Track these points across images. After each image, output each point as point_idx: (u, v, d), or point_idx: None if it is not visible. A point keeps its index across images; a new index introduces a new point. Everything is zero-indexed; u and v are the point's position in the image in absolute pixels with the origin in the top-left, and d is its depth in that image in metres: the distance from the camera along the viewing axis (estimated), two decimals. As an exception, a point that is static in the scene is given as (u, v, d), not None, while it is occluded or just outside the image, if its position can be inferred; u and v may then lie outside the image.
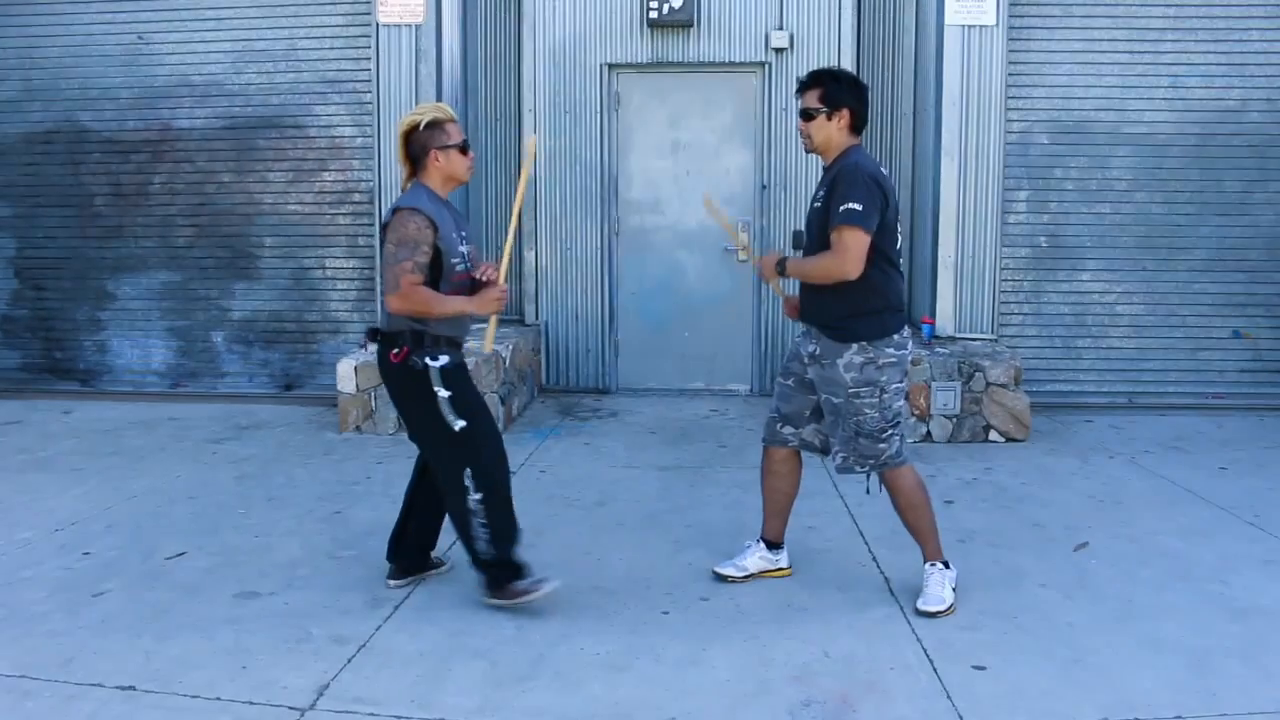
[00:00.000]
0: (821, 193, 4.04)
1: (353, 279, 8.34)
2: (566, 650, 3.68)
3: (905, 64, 8.26)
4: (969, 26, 7.38)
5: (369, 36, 7.75)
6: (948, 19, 7.37)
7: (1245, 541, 4.88)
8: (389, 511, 5.21)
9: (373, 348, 4.13)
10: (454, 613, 4.02)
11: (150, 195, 8.48)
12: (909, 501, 4.12)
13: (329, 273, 8.39)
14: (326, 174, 8.30)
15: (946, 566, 4.12)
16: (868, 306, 3.98)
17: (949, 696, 3.34)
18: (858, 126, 4.06)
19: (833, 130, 4.03)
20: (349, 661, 3.59)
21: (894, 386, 4.06)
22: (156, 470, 6.15)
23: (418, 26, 7.56)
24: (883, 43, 8.32)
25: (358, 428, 7.06)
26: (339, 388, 7.11)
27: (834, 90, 4.02)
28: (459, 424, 3.92)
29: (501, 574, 4.01)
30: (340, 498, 5.59)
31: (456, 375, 3.99)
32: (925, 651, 3.67)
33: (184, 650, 3.66)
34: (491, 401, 6.98)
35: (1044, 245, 8.02)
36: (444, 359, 3.94)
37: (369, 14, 7.73)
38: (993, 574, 4.45)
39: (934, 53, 7.57)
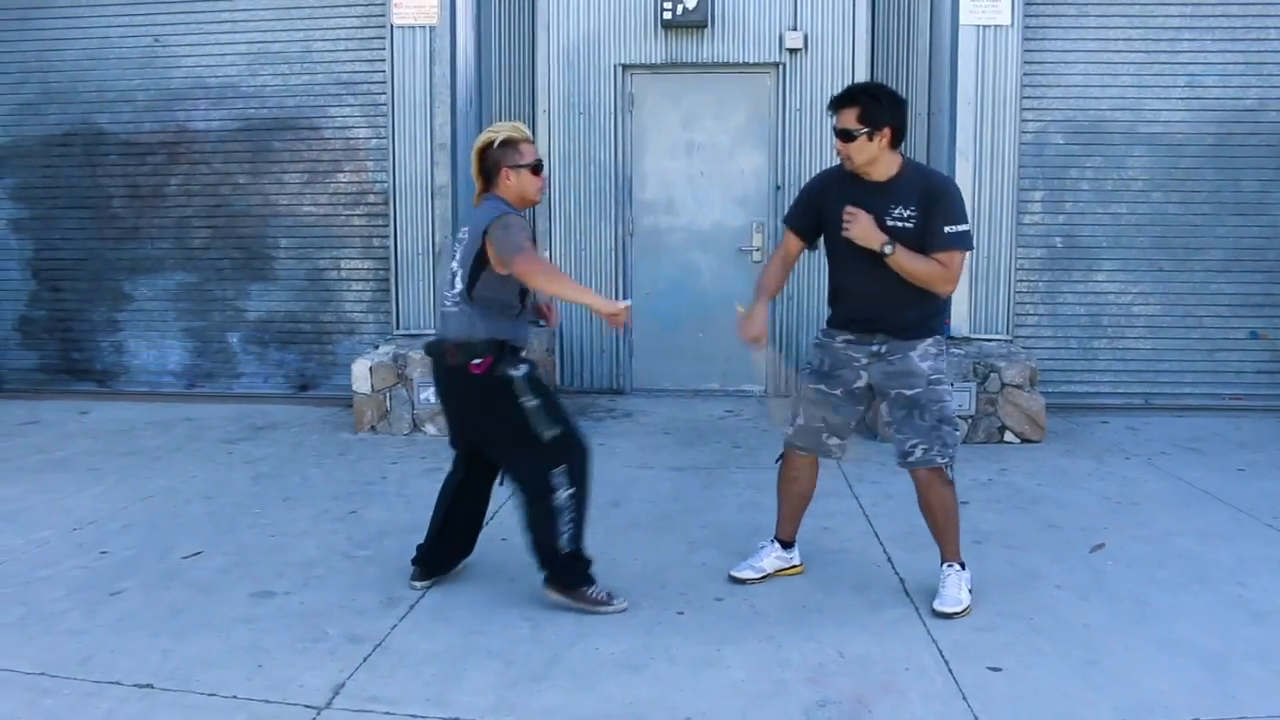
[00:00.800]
0: (910, 211, 3.93)
1: (368, 280, 8.36)
2: (581, 650, 3.69)
3: (920, 64, 8.24)
4: (984, 26, 7.34)
5: (383, 38, 7.75)
6: (962, 19, 7.33)
7: (1263, 544, 4.85)
8: (404, 512, 5.28)
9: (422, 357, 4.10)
10: (469, 612, 4.03)
11: (166, 197, 8.52)
12: (945, 502, 4.10)
13: (344, 273, 8.41)
14: (341, 175, 8.33)
15: (963, 567, 4.11)
16: (935, 308, 4.12)
17: (965, 698, 3.33)
18: (898, 141, 4.00)
19: (875, 150, 3.94)
20: (365, 660, 3.60)
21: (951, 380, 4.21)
22: (173, 470, 6.18)
23: (432, 28, 7.56)
24: (897, 43, 8.30)
25: (373, 428, 7.09)
26: (354, 388, 7.14)
27: (873, 110, 3.91)
28: (551, 432, 3.93)
29: (577, 570, 4.05)
30: (355, 498, 5.61)
31: (539, 382, 3.99)
32: (941, 652, 3.66)
33: (201, 649, 3.67)
34: (506, 402, 6.98)
35: (1059, 245, 7.99)
36: (524, 368, 3.96)
37: (383, 15, 7.73)
38: (1008, 575, 4.44)
39: (949, 52, 7.54)
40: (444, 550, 4.35)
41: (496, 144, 3.96)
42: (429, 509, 4.38)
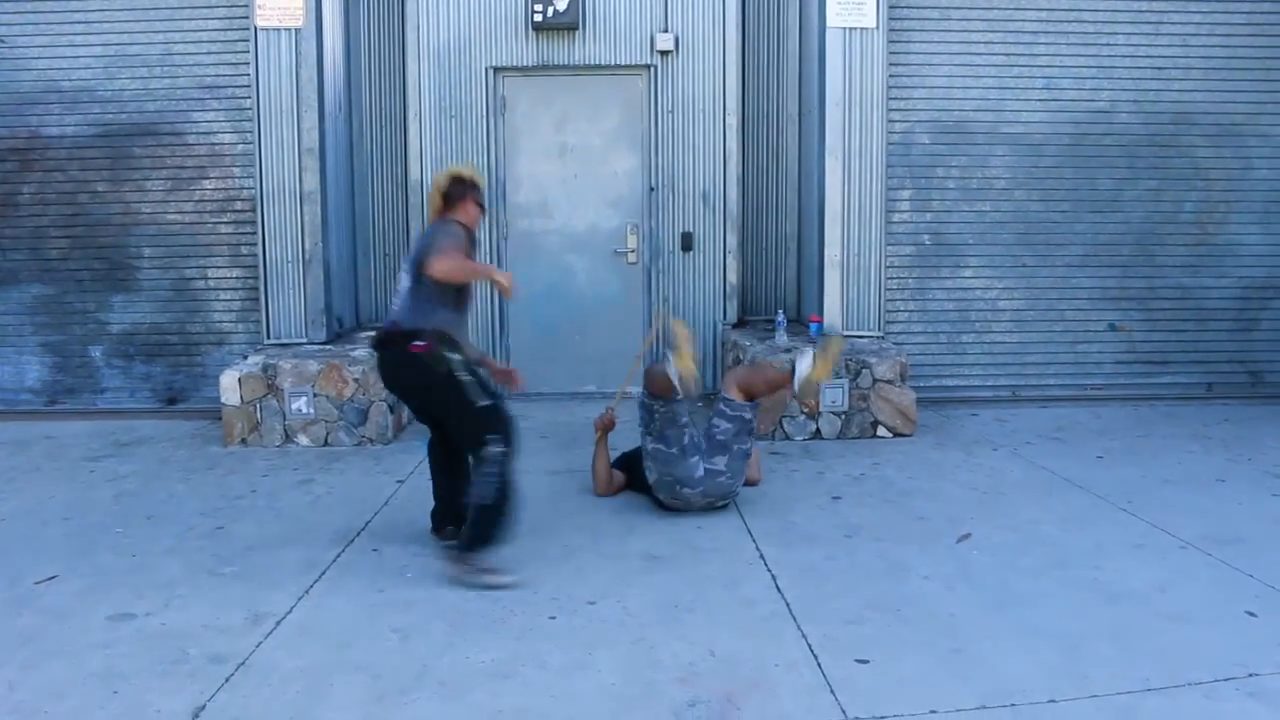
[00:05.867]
0: None
1: (236, 289, 8.13)
2: (451, 660, 3.64)
3: (789, 65, 8.38)
4: (850, 29, 7.48)
5: (247, 41, 7.56)
6: (829, 21, 7.47)
7: (1118, 527, 5.04)
8: (273, 525, 5.17)
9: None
10: (337, 626, 3.94)
11: (19, 205, 8.15)
12: None
13: (211, 283, 8.16)
14: (206, 182, 8.08)
15: None
16: None
17: (832, 691, 3.37)
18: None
19: None
20: (226, 681, 3.49)
21: None
22: (29, 491, 5.93)
23: (297, 30, 7.41)
24: (767, 45, 8.42)
25: (243, 440, 6.90)
26: (223, 400, 6.94)
27: None
28: (483, 402, 4.49)
29: (486, 536, 4.40)
30: (223, 513, 5.44)
31: (470, 364, 4.59)
32: (810, 647, 3.71)
33: (51, 678, 3.52)
34: (380, 410, 6.89)
35: (927, 243, 8.18)
36: (458, 355, 4.53)
37: (246, 18, 7.55)
38: (878, 568, 4.52)
39: (817, 54, 7.68)
40: (452, 505, 4.85)
41: (472, 183, 4.88)
42: (299, 521, 4.36)
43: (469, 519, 4.45)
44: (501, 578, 4.36)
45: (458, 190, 4.86)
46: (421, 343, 4.48)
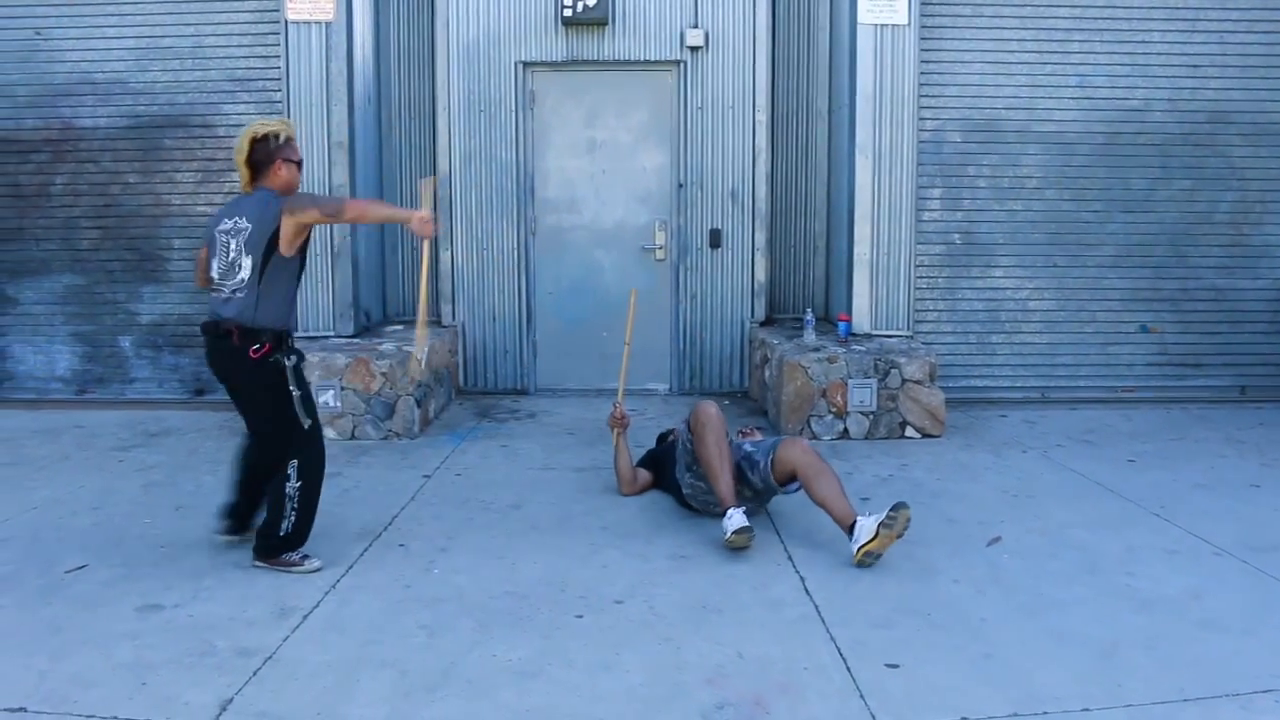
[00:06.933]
0: None
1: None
2: (478, 657, 3.62)
3: (820, 62, 8.33)
4: (881, 25, 7.44)
5: (278, 34, 7.59)
6: (861, 18, 7.42)
7: (1151, 533, 4.98)
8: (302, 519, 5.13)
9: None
10: (364, 622, 3.94)
11: (52, 196, 8.21)
12: None
13: (240, 275, 8.18)
14: (235, 174, 8.00)
15: None
16: None
17: (862, 696, 3.34)
18: None
19: None
20: (254, 674, 3.49)
21: None
22: (59, 480, 5.96)
23: (328, 24, 7.42)
24: (797, 41, 8.38)
25: (270, 433, 6.91)
26: (250, 392, 6.95)
27: None
28: (308, 421, 4.39)
29: (280, 547, 4.45)
30: (249, 505, 5.45)
31: (303, 375, 4.46)
32: (839, 651, 3.67)
33: (80, 668, 3.53)
34: (407, 404, 6.89)
35: (958, 242, 8.12)
36: (294, 358, 4.38)
37: (278, 11, 7.57)
38: (907, 570, 4.48)
39: (847, 51, 7.63)
40: (250, 504, 4.70)
41: (278, 138, 4.33)
42: (326, 515, 4.45)
43: (264, 543, 4.47)
44: (307, 564, 4.45)
45: (262, 153, 4.32)
46: (258, 346, 4.27)
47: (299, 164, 4.45)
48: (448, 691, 3.38)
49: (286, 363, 4.33)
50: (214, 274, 4.37)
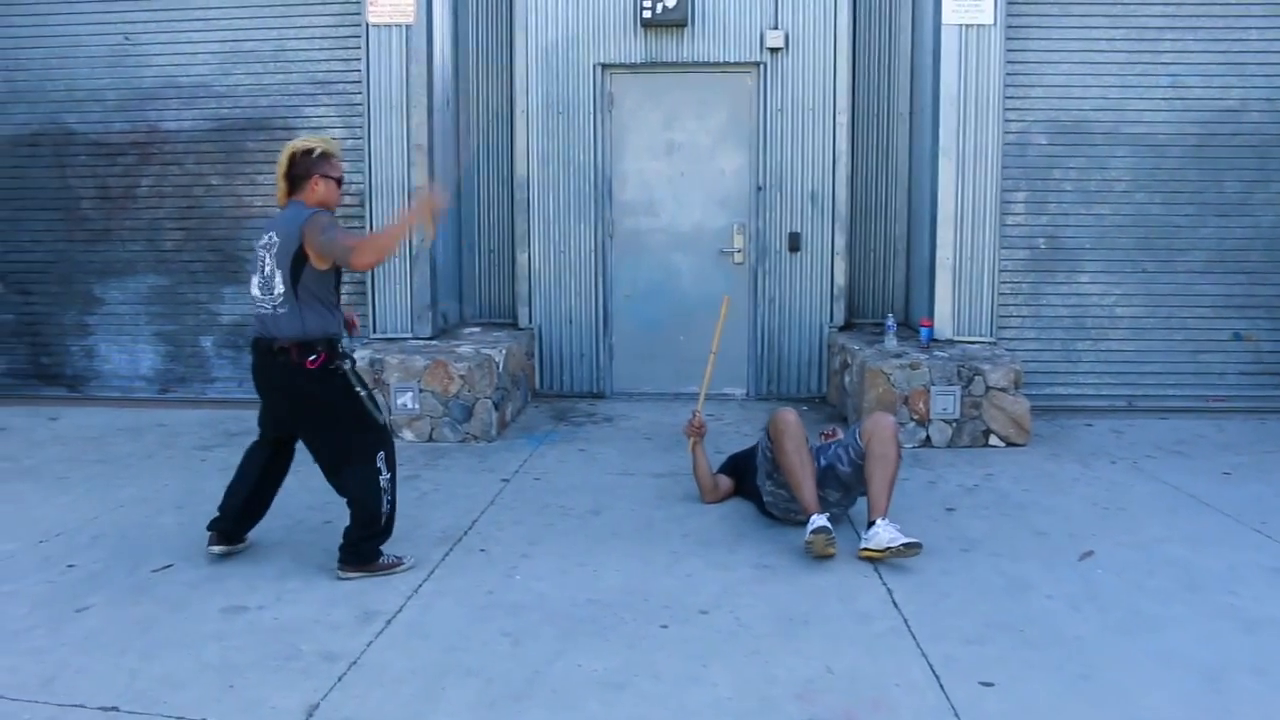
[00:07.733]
0: None
1: (343, 282, 8.17)
2: (563, 667, 3.58)
3: (902, 63, 8.19)
4: (966, 25, 7.30)
5: (359, 37, 7.65)
6: (945, 18, 7.29)
7: (1252, 550, 4.79)
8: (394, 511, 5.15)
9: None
10: (447, 628, 3.92)
11: (137, 198, 8.36)
12: None
13: (319, 276, 8.25)
14: (316, 176, 8.16)
15: None
16: None
17: (957, 715, 3.24)
18: None
19: None
20: (339, 680, 3.48)
21: None
22: (144, 478, 6.05)
23: (408, 27, 7.46)
24: (879, 42, 8.25)
25: (349, 434, 6.95)
26: (330, 393, 7.00)
27: None
28: (382, 416, 4.46)
29: (375, 545, 4.45)
30: (330, 507, 5.41)
31: (360, 374, 4.50)
32: (931, 667, 3.57)
33: (169, 668, 3.55)
34: (485, 407, 6.89)
35: (1043, 247, 7.93)
36: (348, 361, 4.44)
37: (359, 14, 7.63)
38: (997, 584, 4.36)
39: (931, 52, 7.50)
40: (246, 522, 4.71)
41: (316, 154, 4.34)
42: (406, 518, 4.44)
43: (359, 542, 4.44)
44: (404, 563, 4.52)
45: (301, 168, 4.34)
46: (314, 357, 4.29)
47: (339, 180, 4.45)
48: (533, 702, 3.34)
49: (345, 367, 4.39)
50: (255, 290, 4.40)
